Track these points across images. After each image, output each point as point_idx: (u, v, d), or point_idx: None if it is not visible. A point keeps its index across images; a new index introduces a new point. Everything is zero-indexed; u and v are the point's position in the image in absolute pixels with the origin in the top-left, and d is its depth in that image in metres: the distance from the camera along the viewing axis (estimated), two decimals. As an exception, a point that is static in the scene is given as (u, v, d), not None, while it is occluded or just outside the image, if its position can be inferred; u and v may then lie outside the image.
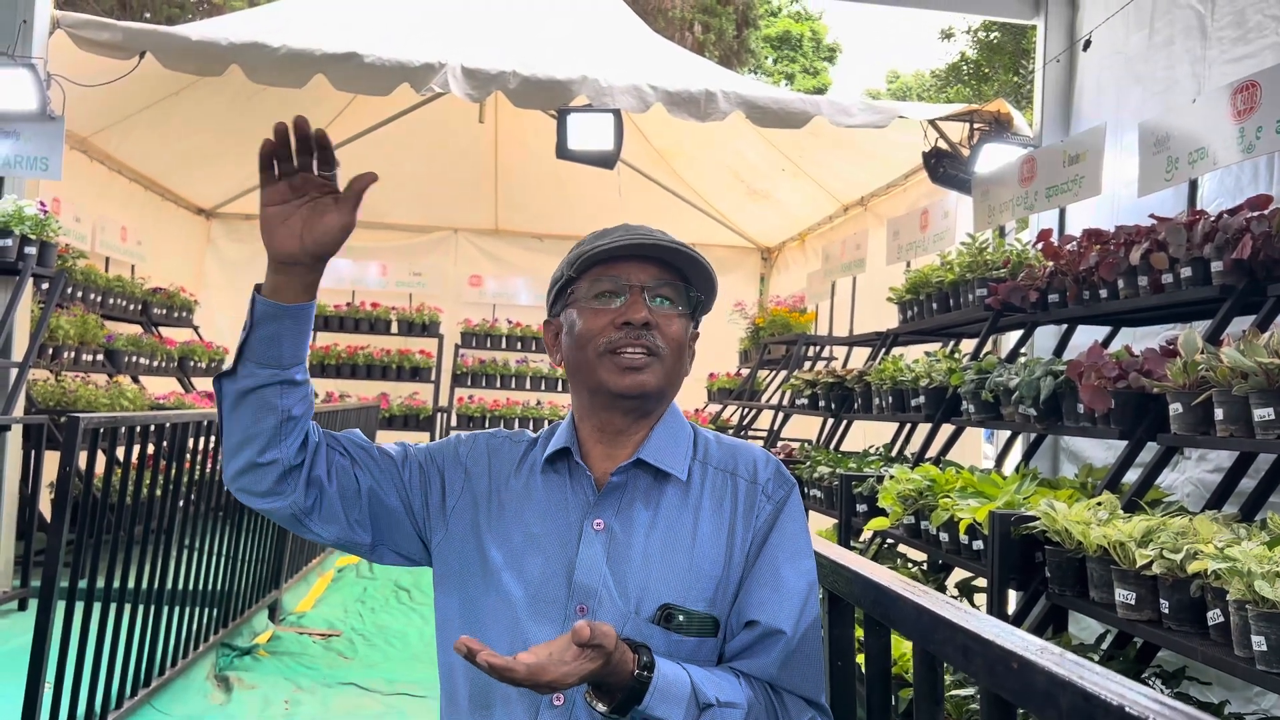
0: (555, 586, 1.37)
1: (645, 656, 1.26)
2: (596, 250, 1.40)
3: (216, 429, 4.40)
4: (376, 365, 9.56)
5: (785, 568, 1.39)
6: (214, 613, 4.49)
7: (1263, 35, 4.09)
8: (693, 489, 1.43)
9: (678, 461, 1.43)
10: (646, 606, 1.35)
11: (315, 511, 1.42)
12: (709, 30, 16.02)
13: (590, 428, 1.45)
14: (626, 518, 1.40)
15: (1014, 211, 5.17)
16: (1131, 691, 0.80)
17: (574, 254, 1.45)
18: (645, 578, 1.36)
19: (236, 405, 1.37)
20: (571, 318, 1.43)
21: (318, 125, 1.31)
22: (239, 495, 1.42)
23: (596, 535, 1.39)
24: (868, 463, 4.88)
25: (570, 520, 1.40)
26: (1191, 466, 4.23)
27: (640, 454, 1.41)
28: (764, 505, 1.42)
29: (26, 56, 5.13)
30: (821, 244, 8.46)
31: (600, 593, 1.36)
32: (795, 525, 1.43)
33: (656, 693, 1.25)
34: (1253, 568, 2.10)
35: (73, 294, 6.58)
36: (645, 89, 5.65)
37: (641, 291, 1.40)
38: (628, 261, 1.41)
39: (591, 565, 1.37)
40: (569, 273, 1.44)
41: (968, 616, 1.11)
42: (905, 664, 3.04)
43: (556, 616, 1.36)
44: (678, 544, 1.39)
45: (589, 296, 1.41)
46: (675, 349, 1.41)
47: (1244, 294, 3.01)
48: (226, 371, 1.37)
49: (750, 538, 1.41)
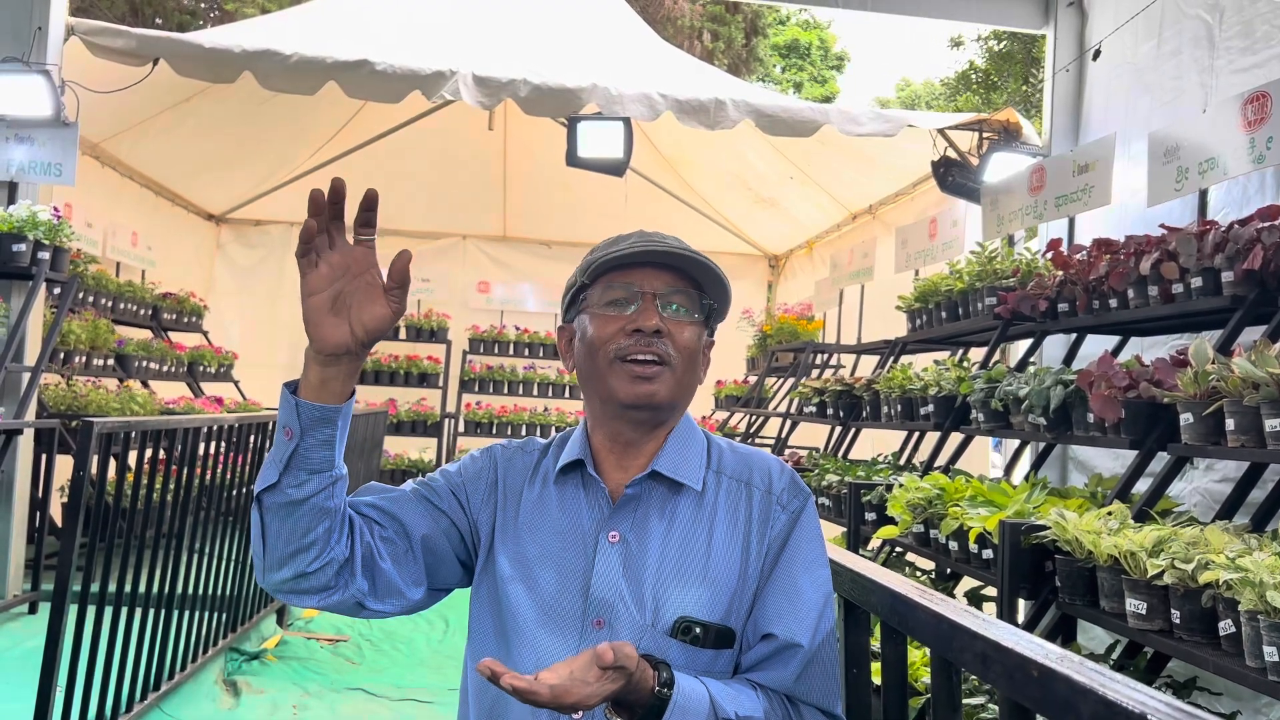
0: (571, 599, 1.37)
1: (665, 673, 1.26)
2: (609, 257, 1.39)
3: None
4: (384, 371, 9.58)
5: (802, 579, 1.39)
6: (223, 617, 4.51)
7: (1270, 45, 4.10)
8: (707, 499, 1.42)
9: (692, 472, 1.42)
10: (663, 619, 1.35)
11: (373, 591, 1.36)
12: (718, 39, 16.06)
13: (602, 437, 1.45)
14: (641, 530, 1.39)
15: (1023, 220, 5.17)
16: (1154, 700, 0.81)
17: (587, 260, 1.44)
18: (661, 590, 1.36)
19: (284, 517, 1.28)
20: (583, 324, 1.42)
21: (329, 132, 1.28)
22: (288, 599, 1.35)
23: (612, 548, 1.38)
24: (876, 471, 4.88)
25: (585, 532, 1.40)
26: (1199, 476, 4.22)
27: (655, 465, 1.41)
28: (779, 515, 1.41)
29: (41, 63, 5.16)
30: (829, 252, 8.47)
31: (616, 606, 1.35)
32: (811, 536, 1.43)
33: (677, 709, 1.24)
34: (1264, 578, 2.10)
35: (84, 299, 6.61)
36: (655, 97, 5.67)
37: (653, 298, 1.38)
38: (641, 268, 1.40)
39: (608, 578, 1.37)
40: (582, 279, 1.43)
41: (986, 624, 1.12)
42: (915, 673, 3.04)
43: (573, 629, 1.36)
44: (693, 555, 1.38)
45: (601, 303, 1.40)
46: (687, 357, 1.40)
47: (1255, 304, 3.01)
48: (269, 485, 1.28)
49: (765, 549, 1.40)
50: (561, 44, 6.49)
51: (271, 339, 9.94)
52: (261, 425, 4.79)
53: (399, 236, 10.35)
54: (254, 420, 4.68)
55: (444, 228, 10.39)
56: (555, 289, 1.36)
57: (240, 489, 4.63)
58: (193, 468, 4.00)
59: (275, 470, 1.28)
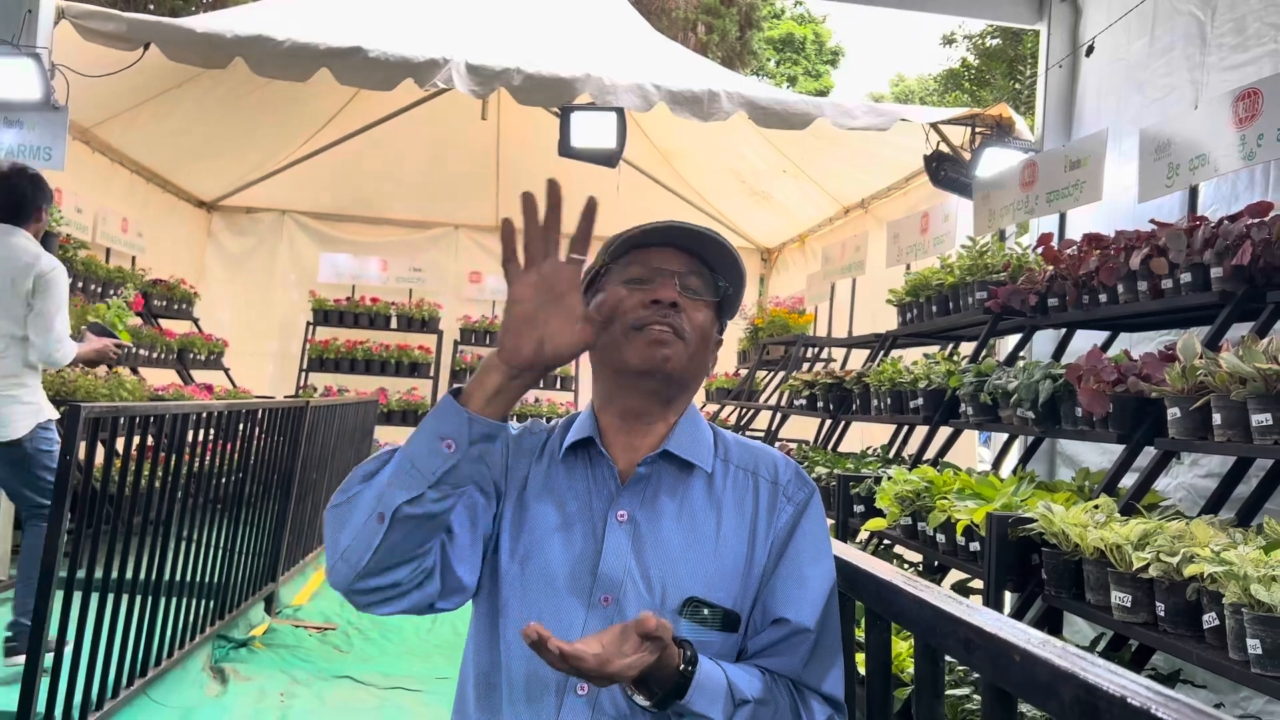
0: (580, 576, 1.37)
1: (689, 651, 1.27)
2: (632, 235, 1.43)
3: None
4: (375, 360, 9.57)
5: (809, 568, 1.41)
6: (211, 604, 4.50)
7: (1261, 43, 4.11)
8: (715, 485, 1.44)
9: (703, 455, 1.44)
10: (671, 599, 1.36)
11: (442, 591, 1.35)
12: (712, 31, 16.04)
13: (611, 414, 1.45)
14: (651, 509, 1.40)
15: (1014, 215, 5.19)
16: (1134, 684, 0.82)
17: (612, 240, 1.47)
18: (669, 570, 1.37)
19: (413, 530, 1.24)
20: (599, 300, 1.42)
21: (322, 120, 1.27)
22: (368, 607, 1.31)
23: (621, 526, 1.39)
24: (865, 464, 4.90)
25: (593, 510, 1.41)
26: (1184, 471, 4.25)
27: (667, 445, 1.42)
28: (785, 506, 1.44)
29: (31, 46, 5.12)
30: (821, 245, 8.47)
31: (625, 584, 1.36)
32: (817, 527, 1.45)
33: (698, 688, 1.25)
34: (1249, 571, 2.11)
35: (73, 284, 6.58)
36: (649, 88, 5.66)
37: (672, 276, 1.41)
38: (661, 249, 1.43)
39: (617, 556, 1.37)
40: (603, 258, 1.46)
41: (970, 610, 1.12)
42: (899, 664, 3.05)
43: (580, 606, 1.36)
44: (702, 538, 1.39)
45: (619, 281, 1.43)
46: (700, 336, 1.42)
47: (1243, 300, 3.02)
48: (414, 497, 1.22)
49: (772, 538, 1.42)
50: (555, 34, 6.47)
51: (262, 327, 9.92)
52: (251, 413, 4.78)
53: (391, 225, 10.38)
54: (244, 407, 4.67)
55: (436, 217, 10.37)
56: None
57: (229, 476, 4.62)
58: (181, 454, 3.99)
59: (422, 482, 1.22)
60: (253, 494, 4.86)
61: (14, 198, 4.15)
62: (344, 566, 1.27)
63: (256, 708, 4.07)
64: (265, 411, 4.95)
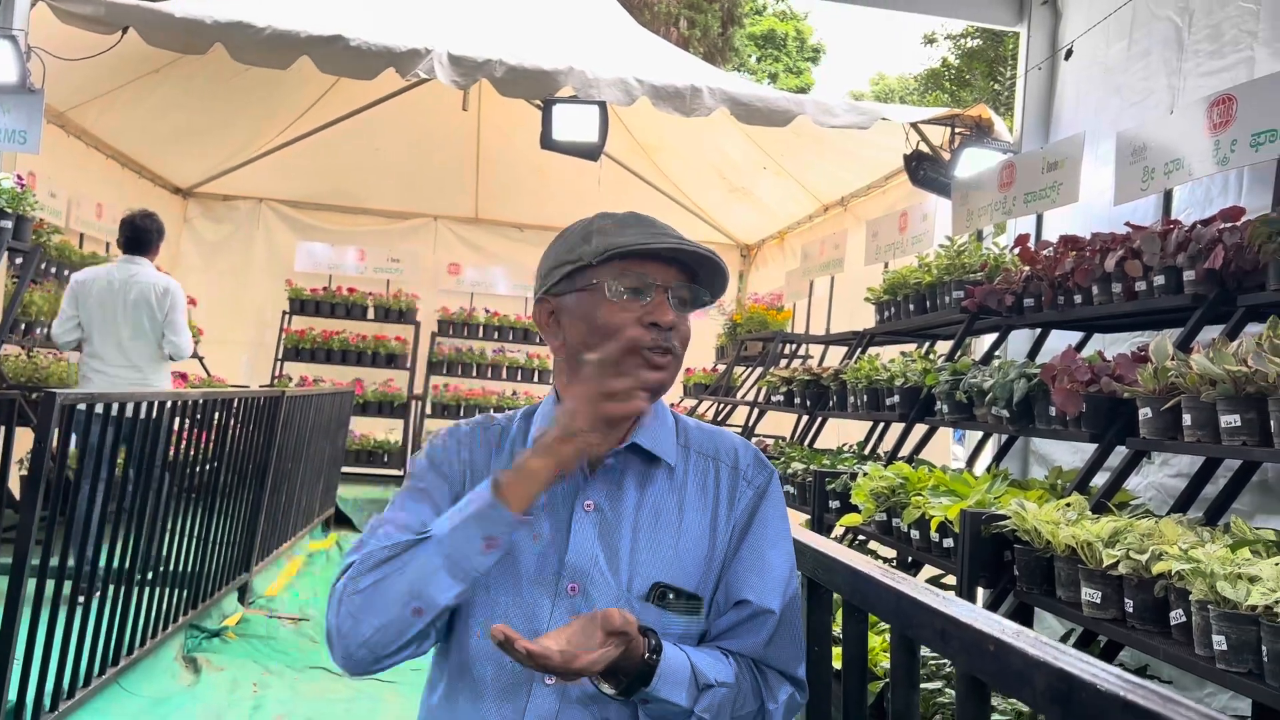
0: (546, 565, 1.39)
1: (654, 640, 1.30)
2: (627, 248, 1.38)
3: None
4: (352, 351, 9.51)
5: (770, 551, 1.44)
6: (184, 594, 4.47)
7: (1237, 50, 4.16)
8: (677, 473, 1.46)
9: (667, 448, 1.46)
10: (637, 586, 1.38)
11: (437, 633, 1.39)
12: (694, 26, 16.05)
13: None
14: (616, 499, 1.42)
15: (992, 216, 5.23)
16: (1104, 671, 0.84)
17: (597, 242, 1.41)
18: (635, 557, 1.39)
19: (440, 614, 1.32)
20: (586, 304, 1.40)
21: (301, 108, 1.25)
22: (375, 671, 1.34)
23: (587, 515, 1.41)
24: (841, 460, 4.93)
25: (558, 499, 1.42)
26: (1154, 471, 4.31)
27: (635, 438, 1.43)
28: (745, 490, 1.46)
29: (7, 28, 5.06)
30: (801, 243, 8.51)
31: (591, 572, 1.38)
32: (776, 510, 1.48)
33: (663, 676, 1.28)
34: (1216, 569, 2.15)
35: (47, 270, 6.50)
36: (631, 82, 5.66)
37: (665, 291, 1.40)
38: (654, 260, 1.41)
39: (583, 545, 1.39)
40: (590, 259, 1.40)
41: (946, 602, 1.14)
42: (875, 658, 3.08)
43: (547, 595, 1.38)
44: (666, 525, 1.42)
45: (615, 290, 1.39)
46: (685, 346, 1.44)
47: (1215, 303, 3.07)
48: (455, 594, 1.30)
49: (733, 522, 1.45)
50: (539, 26, 6.46)
51: (237, 315, 9.83)
52: (226, 402, 4.75)
53: (369, 215, 10.31)
54: (219, 396, 4.64)
55: (415, 208, 10.32)
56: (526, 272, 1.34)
57: (202, 465, 4.59)
58: (156, 442, 3.96)
59: (464, 579, 1.30)
60: (227, 483, 4.83)
61: (140, 235, 5.51)
62: (364, 653, 1.31)
63: (229, 698, 4.06)
64: (241, 401, 4.92)
